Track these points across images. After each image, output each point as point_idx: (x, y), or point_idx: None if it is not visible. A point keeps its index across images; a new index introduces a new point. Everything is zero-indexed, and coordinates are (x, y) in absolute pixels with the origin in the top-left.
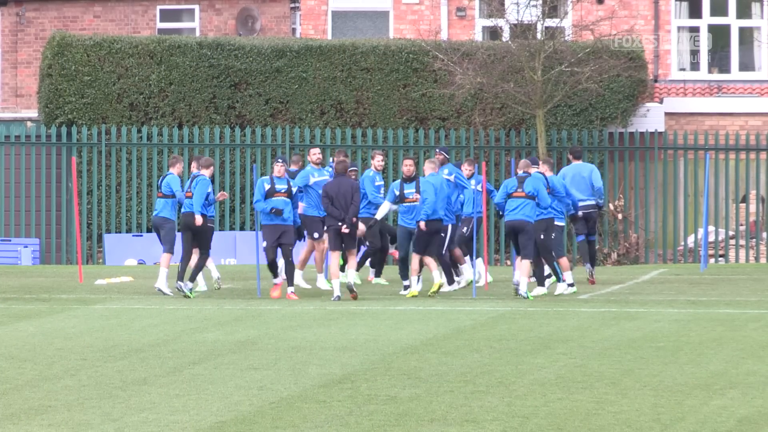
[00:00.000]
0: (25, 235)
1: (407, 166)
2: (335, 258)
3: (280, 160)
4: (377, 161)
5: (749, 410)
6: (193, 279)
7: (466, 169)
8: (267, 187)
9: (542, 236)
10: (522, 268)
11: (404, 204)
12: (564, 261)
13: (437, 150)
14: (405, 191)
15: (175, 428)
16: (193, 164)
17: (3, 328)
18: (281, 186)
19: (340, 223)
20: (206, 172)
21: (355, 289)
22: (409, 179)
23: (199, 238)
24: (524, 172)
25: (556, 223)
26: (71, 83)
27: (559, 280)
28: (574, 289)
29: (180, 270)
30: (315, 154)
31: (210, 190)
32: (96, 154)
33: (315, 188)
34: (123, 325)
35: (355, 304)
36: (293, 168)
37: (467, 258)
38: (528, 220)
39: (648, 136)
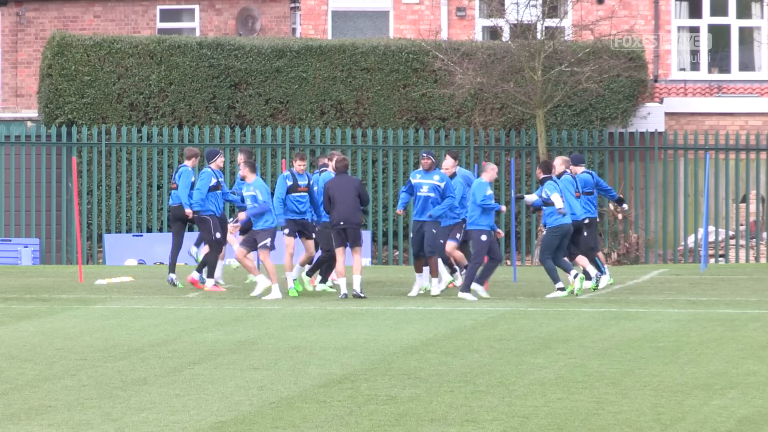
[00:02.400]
0: (25, 235)
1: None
2: (341, 256)
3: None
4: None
5: (749, 410)
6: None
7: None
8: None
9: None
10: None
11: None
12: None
13: (424, 154)
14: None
15: (175, 428)
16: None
17: (3, 328)
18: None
19: (341, 222)
20: (189, 163)
21: (363, 295)
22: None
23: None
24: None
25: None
26: (71, 83)
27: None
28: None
29: (171, 261)
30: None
31: (193, 179)
32: (96, 154)
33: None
34: (123, 325)
35: (355, 304)
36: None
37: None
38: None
39: (648, 136)
